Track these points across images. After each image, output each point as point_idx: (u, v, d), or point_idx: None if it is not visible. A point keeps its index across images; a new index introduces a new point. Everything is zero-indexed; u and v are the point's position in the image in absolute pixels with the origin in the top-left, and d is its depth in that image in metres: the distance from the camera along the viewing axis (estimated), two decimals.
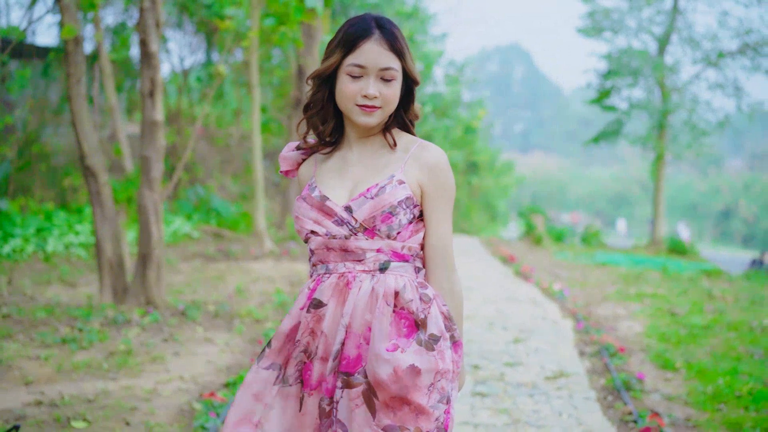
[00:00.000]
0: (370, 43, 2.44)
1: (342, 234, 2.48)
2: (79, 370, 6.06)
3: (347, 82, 2.47)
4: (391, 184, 2.47)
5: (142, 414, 5.21)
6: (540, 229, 19.92)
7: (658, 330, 8.41)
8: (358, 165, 2.57)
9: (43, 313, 7.72)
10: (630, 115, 22.55)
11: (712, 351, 7.47)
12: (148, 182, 7.92)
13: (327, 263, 2.53)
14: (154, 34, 7.68)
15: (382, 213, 2.44)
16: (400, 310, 2.46)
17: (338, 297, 2.49)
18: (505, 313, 9.45)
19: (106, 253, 8.03)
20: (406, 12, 24.05)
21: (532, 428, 5.20)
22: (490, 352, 7.34)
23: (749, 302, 10.40)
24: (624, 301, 10.46)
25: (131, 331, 7.18)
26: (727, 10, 21.36)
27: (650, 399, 5.91)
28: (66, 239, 13.12)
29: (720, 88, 21.85)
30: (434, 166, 2.53)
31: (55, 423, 4.95)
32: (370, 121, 2.49)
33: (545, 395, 5.98)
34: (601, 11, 22.30)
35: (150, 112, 7.78)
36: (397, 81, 2.49)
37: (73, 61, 7.65)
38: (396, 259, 2.50)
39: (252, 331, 7.61)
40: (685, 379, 6.51)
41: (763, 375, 6.52)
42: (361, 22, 2.48)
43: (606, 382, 6.36)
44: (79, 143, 7.76)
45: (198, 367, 6.37)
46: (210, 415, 5.13)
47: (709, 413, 5.58)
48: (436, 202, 2.55)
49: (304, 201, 2.55)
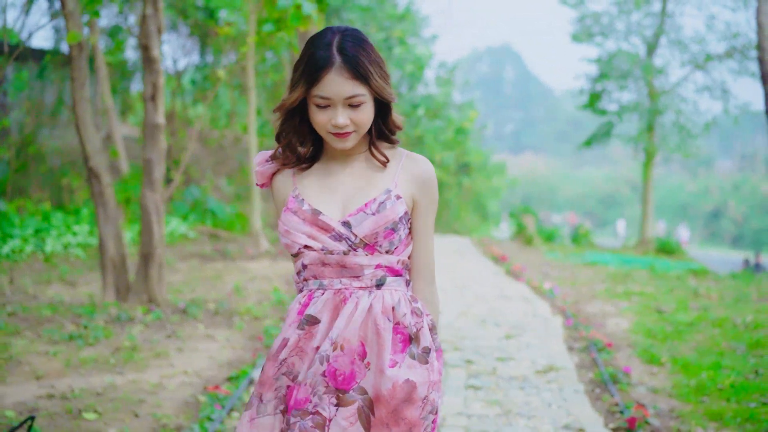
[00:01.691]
0: (331, 74, 2.34)
1: (340, 249, 2.43)
2: (86, 365, 6.28)
3: (316, 112, 2.40)
4: (390, 200, 2.44)
5: (150, 406, 5.44)
6: (531, 230, 20.21)
7: (644, 326, 8.66)
8: (344, 177, 2.52)
9: (47, 310, 7.94)
10: (621, 117, 22.88)
11: (696, 346, 7.72)
12: (150, 183, 8.15)
13: (321, 279, 2.47)
14: (156, 39, 7.91)
15: (385, 229, 2.42)
16: (395, 325, 2.44)
17: (332, 312, 2.44)
18: (497, 310, 9.71)
19: (109, 252, 8.25)
20: (398, 14, 24.28)
21: (523, 419, 5.45)
22: (482, 347, 7.60)
23: (733, 300, 10.67)
24: (612, 299, 10.72)
25: (135, 328, 7.42)
26: (714, 14, 21.79)
27: (636, 392, 6.15)
28: (64, 239, 13.33)
29: (708, 90, 22.20)
30: (427, 179, 2.52)
31: (67, 415, 5.17)
32: (346, 145, 2.44)
33: (536, 388, 6.23)
34: (591, 15, 22.63)
35: (152, 115, 8.01)
36: (367, 104, 2.40)
37: (77, 66, 7.87)
38: (390, 274, 2.48)
39: (251, 328, 7.85)
40: (669, 373, 6.76)
41: (744, 369, 6.77)
42: (322, 48, 2.37)
43: (594, 375, 6.61)
44: (82, 145, 7.99)
45: (200, 362, 6.59)
46: (215, 407, 5.36)
47: (692, 405, 5.83)
48: (426, 215, 2.55)
49: (294, 214, 2.47)
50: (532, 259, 16.13)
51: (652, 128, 22.33)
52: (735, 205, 59.08)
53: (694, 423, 5.39)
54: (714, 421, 5.46)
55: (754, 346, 7.62)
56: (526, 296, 10.99)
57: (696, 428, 5.27)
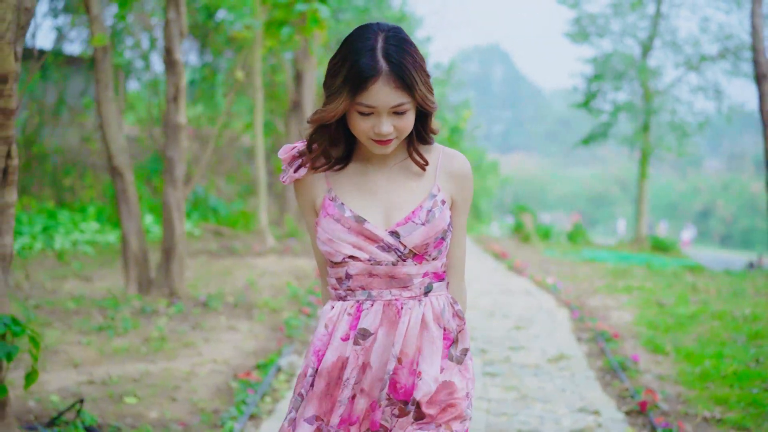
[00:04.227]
0: (378, 84, 2.25)
1: (389, 260, 2.38)
2: (119, 354, 6.57)
3: (358, 119, 2.31)
4: (438, 207, 2.40)
5: (185, 392, 5.74)
6: (529, 228, 20.56)
7: (647, 319, 8.98)
8: (383, 180, 2.45)
9: (72, 304, 8.23)
10: (617, 117, 23.27)
11: (698, 337, 8.04)
12: (172, 181, 8.45)
13: (369, 289, 2.41)
14: (178, 43, 8.20)
15: (435, 239, 2.39)
16: (443, 330, 2.46)
17: (387, 326, 2.40)
18: (503, 303, 10.04)
19: (131, 247, 8.54)
20: (395, 17, 24.55)
21: (539, 403, 5.77)
22: (494, 338, 7.92)
23: (731, 294, 11.00)
24: (613, 293, 11.04)
25: (160, 320, 7.71)
26: (708, 16, 22.16)
27: (644, 378, 6.47)
28: (72, 237, 13.59)
29: (701, 91, 22.61)
30: (464, 176, 2.49)
31: (109, 399, 5.47)
32: (387, 150, 2.36)
33: (548, 375, 6.55)
34: (587, 17, 23.01)
35: (174, 115, 8.30)
36: (411, 111, 2.32)
37: (102, 68, 8.16)
38: (436, 280, 2.46)
39: (271, 320, 8.15)
40: (674, 362, 7.07)
41: (745, 358, 7.09)
42: (366, 54, 2.26)
43: (603, 363, 6.94)
44: (106, 145, 8.28)
45: (227, 351, 6.89)
46: (248, 392, 5.67)
47: (697, 390, 6.14)
48: (462, 211, 2.52)
49: (337, 222, 2.39)
50: (531, 256, 16.45)
51: (648, 128, 22.72)
52: (724, 205, 59.58)
53: (701, 406, 5.69)
54: (719, 405, 5.77)
55: (753, 337, 7.94)
56: (529, 291, 11.32)
57: (703, 411, 5.58)
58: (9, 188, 4.23)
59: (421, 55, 2.33)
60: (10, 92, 4.16)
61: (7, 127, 4.14)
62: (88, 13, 8.01)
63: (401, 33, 2.32)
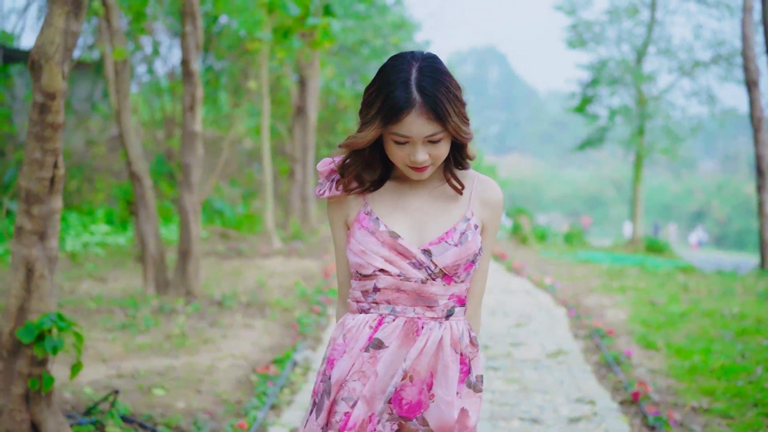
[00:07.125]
0: (412, 116, 2.28)
1: (419, 277, 2.40)
2: (144, 350, 6.99)
3: (393, 147, 2.35)
4: (471, 230, 2.43)
5: (209, 384, 6.15)
6: (526, 229, 20.96)
7: (640, 317, 9.40)
8: (418, 200, 2.48)
9: (93, 303, 8.65)
10: (613, 121, 23.74)
11: (688, 334, 8.47)
12: (188, 186, 8.88)
13: (395, 305, 2.42)
14: (195, 55, 8.62)
15: (466, 261, 2.42)
16: (460, 356, 2.46)
17: (403, 340, 2.41)
18: (503, 302, 10.48)
19: (149, 249, 8.97)
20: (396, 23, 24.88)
21: (539, 394, 6.20)
22: (496, 334, 8.35)
23: (721, 294, 11.42)
24: (608, 293, 11.46)
25: (179, 318, 8.14)
26: (701, 23, 22.66)
27: (637, 372, 6.90)
28: (82, 239, 13.99)
29: (695, 95, 23.10)
30: (497, 205, 2.52)
31: (139, 390, 5.88)
32: (423, 176, 2.40)
33: (547, 368, 6.98)
34: (583, 24, 23.49)
35: (190, 123, 8.73)
36: (445, 139, 2.35)
37: (122, 79, 8.59)
38: (459, 304, 2.47)
39: (284, 318, 8.59)
40: (665, 357, 7.50)
41: (732, 353, 7.51)
42: (400, 86, 2.29)
43: (598, 358, 7.37)
44: (126, 151, 8.71)
45: (245, 347, 7.31)
46: (268, 384, 6.09)
47: (686, 383, 6.57)
48: (491, 238, 2.54)
49: (372, 235, 2.42)
50: (529, 257, 16.87)
51: (643, 132, 23.17)
52: (718, 206, 59.99)
53: (689, 397, 6.12)
54: (707, 396, 6.19)
55: (740, 334, 8.36)
56: (528, 290, 11.77)
57: (691, 401, 6.01)
58: (55, 195, 4.65)
59: (456, 83, 2.35)
60: (58, 108, 4.54)
61: (55, 140, 4.54)
62: (109, 26, 8.41)
63: (436, 62, 2.35)
